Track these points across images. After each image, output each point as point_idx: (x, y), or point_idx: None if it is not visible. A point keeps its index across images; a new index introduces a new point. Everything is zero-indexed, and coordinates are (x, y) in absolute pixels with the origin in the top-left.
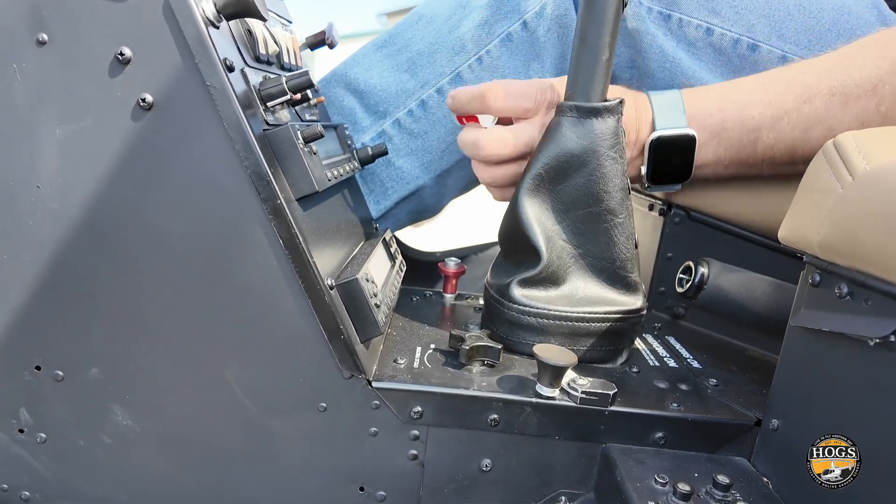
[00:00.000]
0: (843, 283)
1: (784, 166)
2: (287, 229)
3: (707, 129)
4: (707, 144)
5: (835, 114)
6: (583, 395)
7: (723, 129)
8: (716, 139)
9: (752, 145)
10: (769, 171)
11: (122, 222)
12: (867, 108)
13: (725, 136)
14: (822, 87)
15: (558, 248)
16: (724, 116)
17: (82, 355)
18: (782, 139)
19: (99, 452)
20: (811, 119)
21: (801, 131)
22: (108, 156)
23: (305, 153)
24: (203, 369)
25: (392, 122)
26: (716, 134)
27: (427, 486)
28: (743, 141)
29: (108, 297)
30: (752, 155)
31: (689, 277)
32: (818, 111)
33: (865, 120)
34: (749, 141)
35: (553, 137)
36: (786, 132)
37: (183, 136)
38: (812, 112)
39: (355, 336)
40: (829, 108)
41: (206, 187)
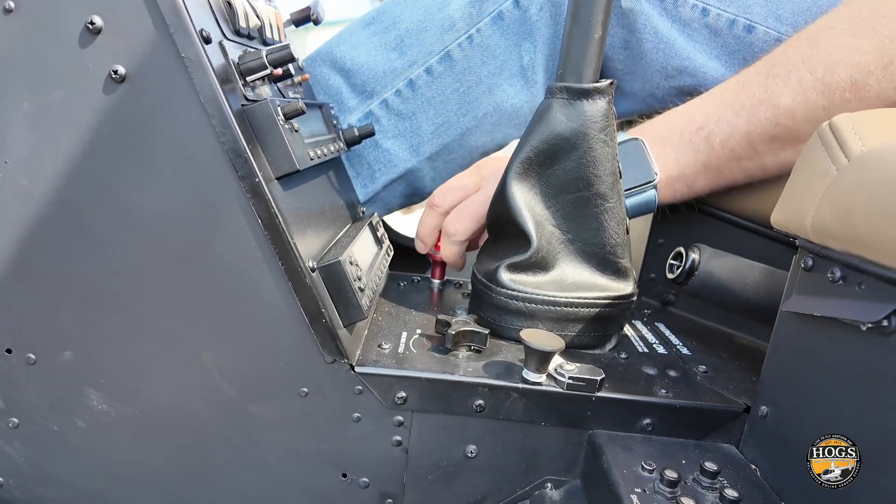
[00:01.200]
0: (837, 268)
1: (749, 161)
2: (266, 209)
3: (656, 140)
4: (663, 150)
5: (774, 90)
6: (570, 380)
7: (671, 132)
8: (668, 145)
9: (706, 143)
10: (742, 176)
11: (94, 200)
12: (802, 77)
13: (676, 139)
14: (754, 75)
15: (548, 233)
16: (669, 125)
17: (55, 338)
18: (734, 129)
19: (74, 437)
20: (753, 100)
21: (748, 116)
22: (79, 130)
23: (286, 130)
24: (180, 353)
25: (379, 103)
26: (665, 139)
27: (411, 473)
28: (695, 141)
29: (80, 277)
30: (711, 155)
31: (680, 263)
32: (757, 92)
33: (806, 87)
34: (701, 139)
35: (543, 120)
36: (732, 120)
37: (157, 110)
38: (751, 96)
39: (338, 320)
40: (767, 86)
41: (181, 164)
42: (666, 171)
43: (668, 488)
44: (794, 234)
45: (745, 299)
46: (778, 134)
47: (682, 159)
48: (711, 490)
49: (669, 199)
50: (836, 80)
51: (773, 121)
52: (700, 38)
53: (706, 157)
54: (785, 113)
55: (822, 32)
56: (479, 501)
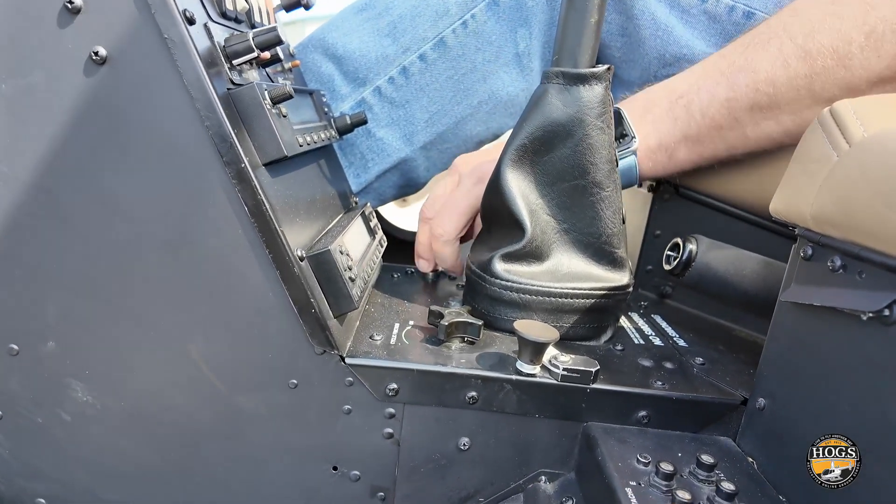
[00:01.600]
0: (837, 256)
1: (730, 130)
2: (252, 196)
3: (635, 110)
4: (642, 119)
5: (753, 57)
6: (564, 372)
7: (650, 102)
8: (648, 115)
9: (685, 111)
10: (723, 147)
11: (75, 186)
12: (783, 43)
13: (657, 111)
14: (736, 46)
15: (543, 222)
16: (648, 95)
17: (37, 328)
18: (713, 96)
19: (58, 430)
20: (732, 68)
21: (727, 84)
22: (59, 113)
23: (273, 115)
24: (165, 344)
25: (372, 90)
26: (646, 109)
27: (403, 466)
28: (675, 109)
29: (62, 266)
30: (691, 123)
31: (677, 254)
32: (737, 60)
33: (786, 54)
34: (681, 108)
35: (538, 106)
36: (712, 88)
37: (140, 93)
38: (731, 62)
39: (328, 310)
40: (746, 55)
41: (165, 149)
42: (646, 140)
43: (663, 481)
44: (793, 222)
45: (743, 291)
46: (758, 101)
47: (662, 127)
48: (708, 483)
49: (651, 171)
50: (816, 47)
51: (753, 87)
52: (699, 24)
53: (685, 126)
54: (765, 80)
55: (804, 1)
56: (472, 495)
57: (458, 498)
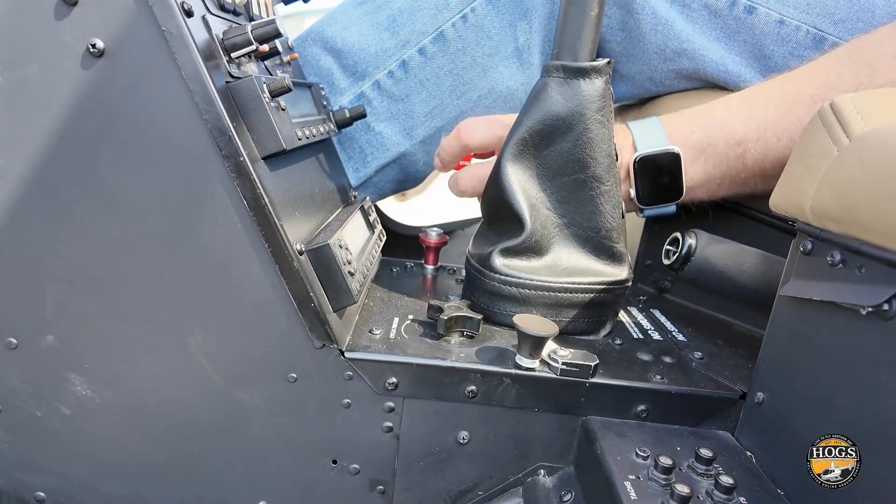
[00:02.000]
0: (836, 251)
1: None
2: (251, 189)
3: (691, 148)
4: (694, 162)
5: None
6: (563, 366)
7: (708, 145)
8: (702, 156)
9: (740, 160)
10: (763, 187)
11: (73, 179)
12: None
13: (711, 151)
14: (804, 95)
15: (542, 216)
16: (707, 133)
17: (36, 322)
18: (770, 150)
19: (57, 424)
20: (797, 126)
21: (788, 140)
22: (56, 107)
23: (272, 108)
24: (164, 338)
25: (371, 84)
26: (701, 151)
27: (402, 459)
28: (730, 155)
29: (60, 259)
30: (742, 170)
31: (677, 249)
32: (802, 119)
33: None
34: (736, 155)
35: (538, 99)
36: (772, 143)
37: (138, 86)
38: (796, 120)
39: (327, 304)
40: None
41: (163, 143)
42: (693, 180)
43: (662, 475)
44: (792, 217)
45: (742, 285)
46: None
47: (713, 172)
48: (706, 477)
49: (685, 202)
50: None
51: None
52: (700, 19)
53: (735, 173)
54: None
55: (882, 59)
56: (471, 488)
57: (457, 491)
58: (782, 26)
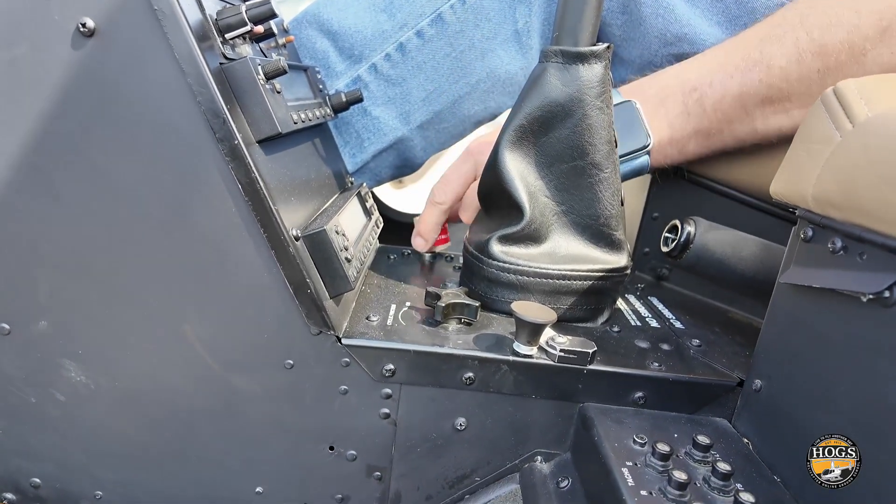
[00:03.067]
0: (838, 238)
1: (740, 124)
2: (246, 173)
3: (648, 101)
4: (656, 114)
5: (769, 51)
6: (561, 353)
7: (665, 96)
8: (662, 108)
9: (698, 106)
10: (732, 140)
11: (65, 162)
12: (798, 37)
13: (669, 102)
14: (751, 37)
15: (541, 204)
16: (663, 86)
17: (29, 308)
18: (726, 90)
19: (52, 410)
20: (747, 61)
21: (740, 77)
22: (47, 87)
23: (267, 91)
24: (160, 323)
25: (368, 68)
26: (660, 101)
27: (399, 445)
28: (688, 103)
29: (53, 244)
30: (703, 118)
31: (675, 236)
32: (752, 54)
33: (801, 49)
34: (694, 101)
35: (537, 85)
36: (725, 82)
37: (129, 67)
38: (746, 55)
39: (324, 291)
40: (762, 49)
41: (155, 125)
42: (658, 135)
43: (660, 461)
44: (793, 204)
45: (741, 273)
46: (770, 96)
47: (675, 123)
48: (704, 463)
49: (659, 164)
50: (831, 42)
51: (766, 83)
52: (701, 3)
53: (698, 121)
54: (778, 75)
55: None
56: (468, 474)
57: (454, 477)
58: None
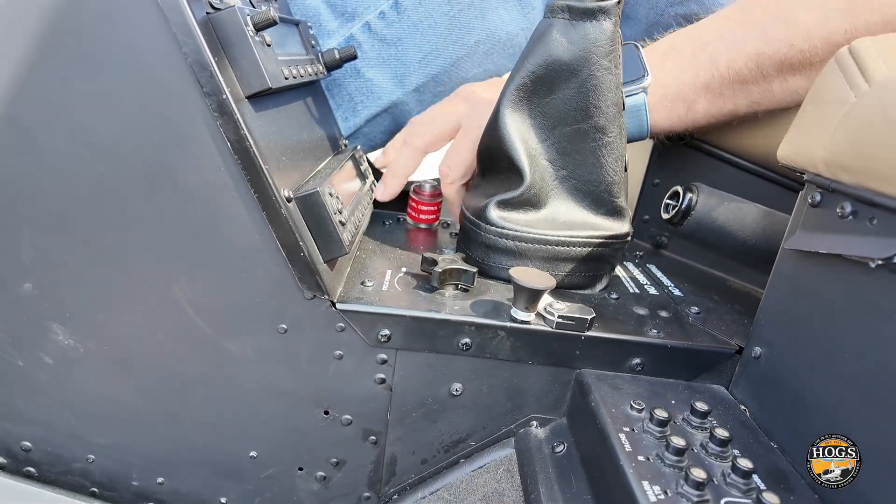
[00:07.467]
0: (847, 202)
1: (756, 85)
2: (235, 130)
3: (655, 53)
4: (660, 68)
5: (791, 5)
6: (559, 319)
7: (673, 48)
8: (669, 60)
9: (710, 61)
10: (745, 102)
11: (46, 117)
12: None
13: (677, 55)
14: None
15: (541, 168)
16: (673, 39)
17: (13, 269)
18: (741, 47)
19: (41, 374)
20: (766, 17)
21: (760, 32)
22: (24, 37)
23: (256, 43)
24: (148, 286)
25: (361, 26)
26: (667, 54)
27: (395, 410)
28: (699, 58)
29: (36, 203)
30: (715, 75)
31: (676, 203)
32: (771, 9)
33: (829, 7)
34: (706, 57)
35: (541, 42)
36: (741, 37)
37: (111, 14)
38: (765, 9)
39: (317, 255)
40: (780, 3)
41: (139, 78)
42: (663, 87)
43: (657, 427)
44: (802, 168)
45: (743, 241)
46: (791, 57)
47: (683, 76)
48: (701, 430)
49: (665, 123)
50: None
51: (787, 42)
52: None
53: (709, 77)
54: (802, 35)
55: None
56: (463, 439)
57: (449, 441)
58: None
